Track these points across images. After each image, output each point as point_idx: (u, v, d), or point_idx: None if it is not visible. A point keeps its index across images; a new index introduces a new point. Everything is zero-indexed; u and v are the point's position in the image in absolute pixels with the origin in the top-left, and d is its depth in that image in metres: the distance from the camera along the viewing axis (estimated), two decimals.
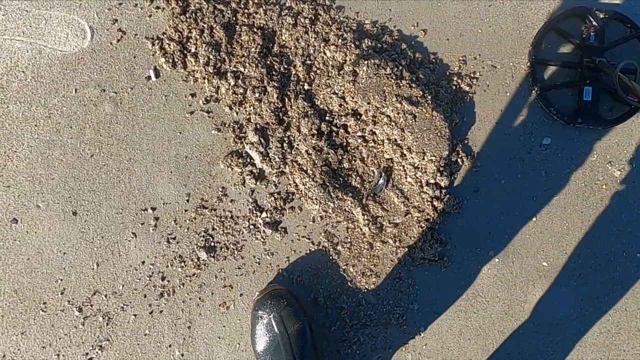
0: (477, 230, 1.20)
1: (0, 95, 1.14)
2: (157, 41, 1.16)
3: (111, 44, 1.17)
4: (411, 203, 1.16)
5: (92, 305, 1.14)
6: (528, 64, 1.20)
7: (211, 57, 1.15)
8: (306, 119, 1.13)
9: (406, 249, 1.17)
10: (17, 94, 1.15)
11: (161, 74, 1.17)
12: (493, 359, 1.19)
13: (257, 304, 1.09)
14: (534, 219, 1.20)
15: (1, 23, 1.15)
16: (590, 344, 1.20)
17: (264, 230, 1.16)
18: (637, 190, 1.23)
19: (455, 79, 1.20)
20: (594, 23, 1.21)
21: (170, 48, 1.16)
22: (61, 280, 1.14)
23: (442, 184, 1.16)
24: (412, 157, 1.14)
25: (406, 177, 1.16)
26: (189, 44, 1.16)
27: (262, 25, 1.17)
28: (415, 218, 1.17)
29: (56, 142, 1.15)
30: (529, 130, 1.22)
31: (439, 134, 1.13)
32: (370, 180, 1.16)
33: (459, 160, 1.18)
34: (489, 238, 1.20)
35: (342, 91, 1.14)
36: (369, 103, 1.13)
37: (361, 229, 1.17)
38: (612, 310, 1.21)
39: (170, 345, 1.15)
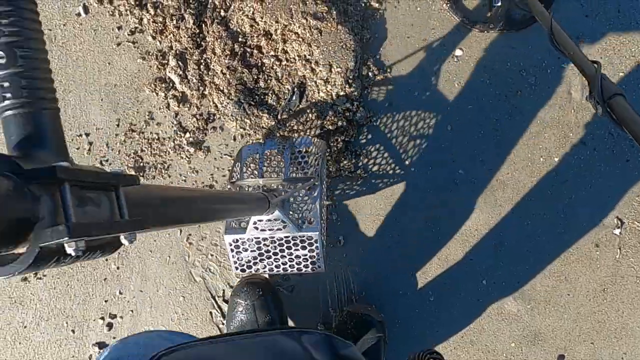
0: (392, 142, 1.24)
1: None
2: None
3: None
4: (325, 116, 1.21)
5: None
6: None
7: None
8: (219, 40, 1.21)
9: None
10: None
11: (90, 10, 1.27)
12: (411, 265, 1.22)
13: (236, 290, 1.17)
14: (448, 127, 1.23)
15: None
16: (506, 249, 1.22)
17: (188, 150, 1.24)
18: (550, 95, 1.23)
19: None
20: None
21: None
22: None
23: (352, 96, 1.20)
24: (320, 70, 1.19)
25: (318, 92, 1.21)
26: None
27: None
28: (330, 132, 1.22)
29: None
30: (441, 43, 1.25)
31: (344, 47, 1.18)
32: (285, 97, 1.22)
33: (369, 73, 1.23)
34: (402, 152, 1.24)
35: (252, 12, 1.20)
36: (277, 22, 1.19)
37: None
38: (530, 213, 1.22)
39: (106, 260, 1.24)
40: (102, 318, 1.24)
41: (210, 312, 1.24)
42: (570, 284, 1.22)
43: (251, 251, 1.06)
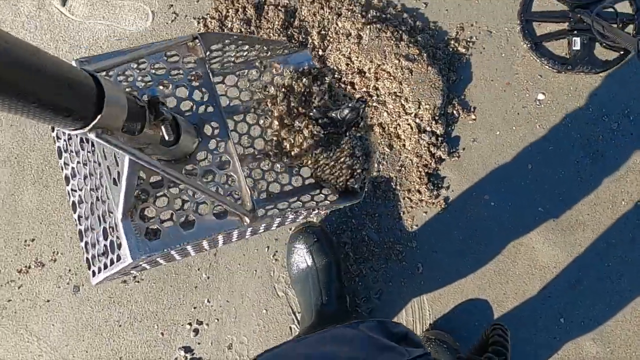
0: (473, 176, 1.30)
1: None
2: (201, 20, 1.44)
3: (167, 23, 1.46)
4: (409, 149, 1.30)
5: None
6: (518, 21, 1.32)
7: (243, 30, 1.40)
8: None
9: (406, 192, 1.30)
10: None
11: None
12: (488, 297, 1.25)
13: (292, 237, 1.26)
14: (529, 166, 1.28)
15: (88, 11, 1.49)
16: (585, 288, 1.23)
17: None
18: (633, 142, 1.27)
19: (452, 42, 1.35)
20: None
21: (211, 25, 1.43)
22: None
23: (438, 132, 1.29)
24: (409, 106, 1.29)
25: (405, 126, 1.30)
26: (226, 21, 1.42)
27: (285, 4, 1.41)
28: (415, 163, 1.30)
29: None
30: (524, 86, 1.32)
31: (432, 86, 1.28)
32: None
33: (454, 112, 1.31)
34: (485, 184, 1.29)
35: (348, 52, 1.33)
36: (371, 61, 1.31)
37: None
38: (609, 257, 1.23)
39: (199, 269, 1.35)
40: (190, 324, 1.33)
41: (290, 327, 1.30)
42: None
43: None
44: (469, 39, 1.36)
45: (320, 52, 1.37)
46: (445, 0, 1.39)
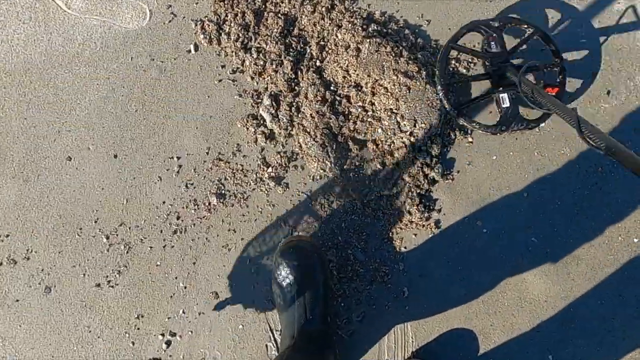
0: (467, 200, 1.25)
1: (75, 59, 1.43)
2: (199, 22, 1.41)
3: (164, 23, 1.43)
4: (402, 168, 1.26)
5: (117, 235, 1.32)
6: (439, 87, 1.24)
7: (240, 35, 1.37)
8: (313, 87, 1.30)
9: (396, 212, 1.25)
10: (87, 59, 1.43)
11: (199, 49, 1.40)
12: (474, 328, 1.20)
13: (281, 250, 1.18)
14: (525, 194, 1.24)
15: (86, 6, 1.46)
16: (576, 325, 1.18)
17: (268, 184, 1.31)
18: (634, 178, 1.22)
19: (453, 62, 1.32)
20: (491, 32, 1.23)
21: (209, 28, 1.40)
22: (96, 211, 1.34)
23: (433, 152, 1.25)
24: (404, 124, 1.25)
25: (399, 143, 1.26)
26: (224, 25, 1.39)
27: (286, 12, 1.38)
28: (407, 183, 1.26)
29: (110, 98, 1.40)
30: (524, 112, 1.28)
31: (430, 105, 1.24)
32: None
33: (451, 133, 1.27)
34: (478, 209, 1.25)
35: (346, 65, 1.30)
36: (369, 75, 1.27)
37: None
38: (602, 294, 1.18)
39: (176, 277, 1.29)
40: (163, 334, 1.27)
41: (266, 345, 1.24)
42: None
43: None
44: (470, 60, 1.32)
45: (318, 63, 1.34)
46: (448, 19, 1.36)
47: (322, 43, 1.35)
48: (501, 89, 1.20)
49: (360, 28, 1.32)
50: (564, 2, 1.36)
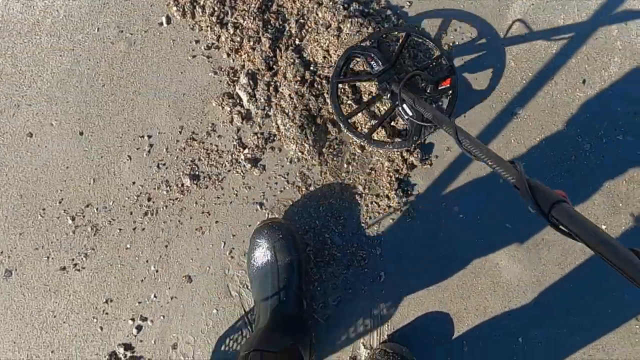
0: (444, 186, 1.26)
1: (35, 28, 1.33)
2: None
3: None
4: (381, 152, 1.24)
5: (84, 216, 1.26)
6: (341, 125, 1.21)
7: (216, 9, 1.30)
8: (292, 66, 1.26)
9: (374, 197, 1.24)
10: (49, 28, 1.33)
11: (172, 21, 1.33)
12: (449, 311, 1.21)
13: (256, 232, 1.17)
14: (500, 181, 1.25)
15: None
16: (545, 308, 1.21)
17: (244, 165, 1.27)
18: (603, 163, 1.26)
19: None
20: (368, 53, 1.20)
21: (182, 0, 1.32)
22: (61, 191, 1.27)
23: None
24: (384, 108, 1.23)
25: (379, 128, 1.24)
26: None
27: None
28: (386, 168, 1.25)
29: (75, 71, 1.31)
30: (503, 98, 1.29)
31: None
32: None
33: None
34: (455, 195, 1.25)
35: (327, 44, 1.26)
36: None
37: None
38: (572, 278, 1.22)
39: (147, 261, 1.25)
40: (133, 319, 1.23)
41: (241, 330, 1.23)
42: (607, 355, 1.20)
43: None
44: (451, 43, 1.31)
45: (297, 42, 1.29)
46: (431, 1, 1.34)
47: (301, 21, 1.30)
48: (397, 103, 1.16)
49: (341, 7, 1.28)
50: None
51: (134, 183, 1.27)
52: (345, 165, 1.26)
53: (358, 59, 1.24)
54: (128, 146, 1.28)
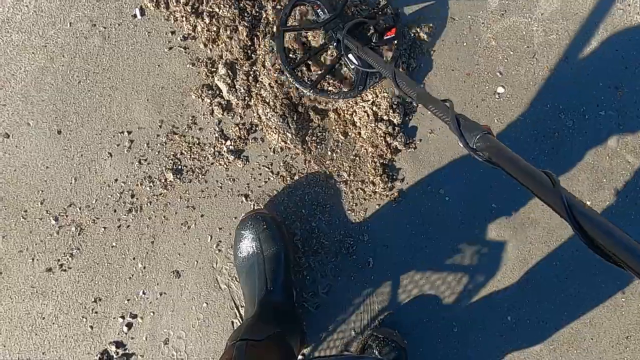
0: (429, 169, 1.25)
1: (5, 25, 1.29)
2: None
3: None
4: (365, 138, 1.23)
5: (67, 216, 1.25)
6: (287, 75, 1.20)
7: None
8: (271, 54, 1.23)
9: (359, 183, 1.24)
10: (19, 25, 1.29)
11: (146, 13, 1.30)
12: (438, 294, 1.22)
13: (241, 224, 1.17)
14: None
15: None
16: (532, 286, 1.22)
17: (227, 157, 1.25)
18: (586, 140, 1.26)
19: (415, 27, 1.28)
20: (314, 1, 1.20)
21: None
22: (42, 191, 1.25)
23: (395, 121, 1.23)
24: (366, 93, 1.22)
25: (361, 113, 1.23)
26: None
27: None
28: (370, 153, 1.24)
29: (49, 68, 1.28)
30: (484, 78, 1.28)
31: None
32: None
33: (413, 102, 1.26)
34: (440, 177, 1.25)
35: (305, 30, 1.24)
36: None
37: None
38: (558, 255, 1.23)
39: (134, 258, 1.24)
40: (123, 317, 1.22)
41: (232, 322, 1.23)
42: (595, 329, 1.22)
43: None
44: (431, 25, 1.30)
45: (274, 29, 1.27)
46: None
47: (278, 7, 1.28)
48: (342, 53, 1.17)
49: None
50: None
51: (116, 180, 1.25)
52: (329, 153, 1.25)
53: (305, 7, 1.23)
54: (108, 143, 1.26)
